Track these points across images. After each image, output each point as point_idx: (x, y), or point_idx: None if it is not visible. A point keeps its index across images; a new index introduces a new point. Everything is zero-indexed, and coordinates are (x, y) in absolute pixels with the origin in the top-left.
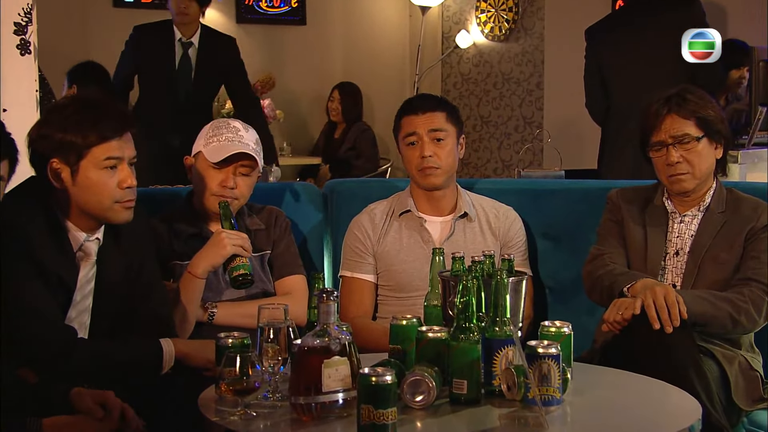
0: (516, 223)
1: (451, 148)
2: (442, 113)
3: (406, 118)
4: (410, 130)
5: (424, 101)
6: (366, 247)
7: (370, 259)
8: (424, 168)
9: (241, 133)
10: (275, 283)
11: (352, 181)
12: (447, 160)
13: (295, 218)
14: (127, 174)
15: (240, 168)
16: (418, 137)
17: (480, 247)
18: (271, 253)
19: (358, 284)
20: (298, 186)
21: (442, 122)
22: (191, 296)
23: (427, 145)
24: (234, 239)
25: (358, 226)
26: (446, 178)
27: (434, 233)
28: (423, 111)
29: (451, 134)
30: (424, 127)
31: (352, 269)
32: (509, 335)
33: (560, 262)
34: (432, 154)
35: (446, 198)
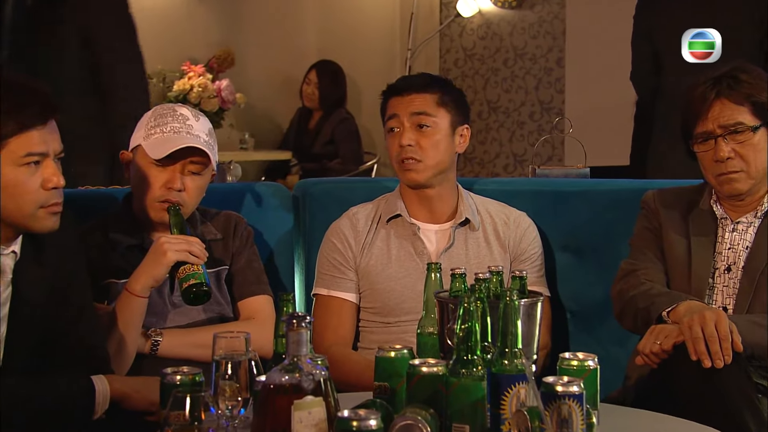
0: (530, 232)
1: (439, 138)
2: (433, 95)
3: (390, 101)
4: (392, 113)
5: (411, 80)
6: (346, 259)
7: (351, 274)
8: (401, 159)
9: (191, 122)
10: (234, 305)
11: (330, 181)
12: (431, 153)
13: (259, 226)
14: (53, 172)
15: (189, 166)
16: (399, 122)
17: (485, 261)
18: (229, 269)
19: (335, 305)
20: (262, 187)
21: (429, 105)
22: (130, 320)
23: (407, 132)
24: (177, 244)
25: (336, 233)
26: (432, 175)
27: (430, 244)
28: (407, 91)
29: (441, 122)
30: (405, 109)
31: (329, 286)
32: (521, 370)
33: (584, 281)
34: (411, 143)
35: (443, 201)
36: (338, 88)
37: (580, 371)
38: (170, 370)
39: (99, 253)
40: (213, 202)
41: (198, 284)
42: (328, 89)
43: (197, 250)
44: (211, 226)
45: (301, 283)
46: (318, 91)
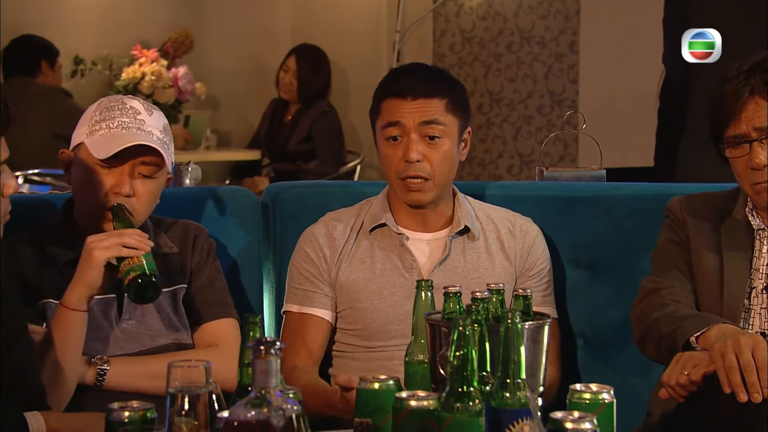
0: (538, 243)
1: (449, 149)
2: (442, 99)
3: (389, 102)
4: (393, 119)
5: (417, 80)
6: (320, 271)
7: (326, 289)
8: (408, 178)
9: (142, 117)
10: (194, 330)
11: (305, 185)
12: (442, 168)
13: (222, 238)
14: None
15: (140, 167)
16: (404, 131)
17: (487, 275)
18: (187, 288)
19: (308, 323)
20: (226, 192)
21: (441, 113)
22: (67, 340)
23: (415, 144)
24: (105, 240)
25: (309, 240)
26: (439, 193)
27: (420, 256)
28: (414, 96)
29: (451, 130)
30: (413, 118)
31: (301, 302)
32: (525, 404)
33: (599, 301)
34: (421, 158)
35: (437, 209)
36: (320, 77)
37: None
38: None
39: (33, 270)
40: (168, 209)
41: (139, 275)
42: (308, 78)
43: (133, 241)
44: (166, 238)
45: (271, 304)
46: (297, 81)
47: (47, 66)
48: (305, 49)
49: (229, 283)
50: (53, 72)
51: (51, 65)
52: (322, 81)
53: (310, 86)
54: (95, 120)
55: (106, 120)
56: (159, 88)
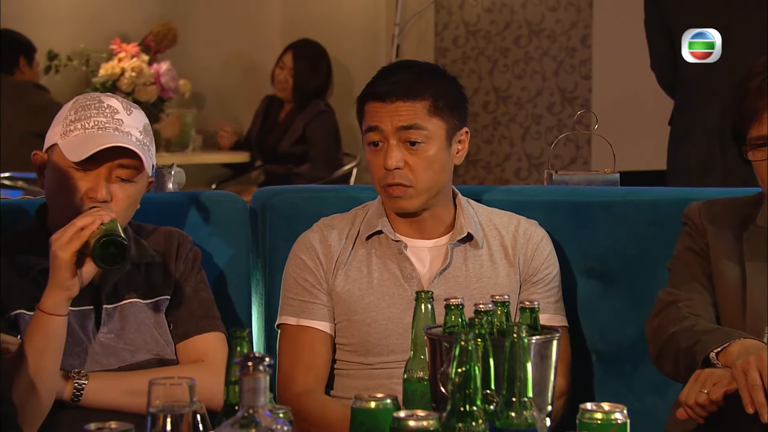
0: (543, 247)
1: (435, 154)
2: (424, 102)
3: (370, 105)
4: (372, 123)
5: (395, 82)
6: (318, 279)
7: (324, 298)
8: (387, 186)
9: (120, 116)
10: (177, 345)
11: (297, 190)
12: (425, 175)
13: (208, 246)
14: None
15: (118, 170)
16: (383, 136)
17: (490, 285)
18: (170, 300)
19: (307, 337)
20: (212, 197)
21: (421, 116)
22: (44, 349)
23: (394, 151)
24: (63, 235)
25: (305, 247)
26: (425, 200)
27: (420, 265)
28: (390, 97)
29: (436, 134)
30: (390, 122)
31: (298, 314)
32: (531, 424)
33: (613, 314)
34: (400, 164)
35: (437, 217)
36: (317, 76)
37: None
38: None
39: (4, 279)
40: (150, 215)
41: (99, 236)
42: (304, 77)
43: (87, 219)
44: (148, 246)
45: (260, 317)
46: (292, 79)
47: (25, 63)
48: (303, 45)
49: (215, 295)
50: (31, 69)
51: (29, 62)
52: (320, 80)
53: (306, 85)
54: (70, 120)
55: (81, 120)
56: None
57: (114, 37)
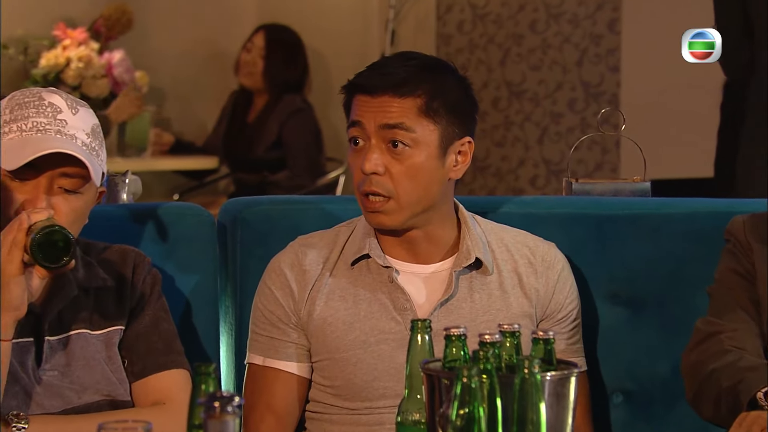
0: (565, 278)
1: (420, 163)
2: (415, 99)
3: (357, 98)
4: (355, 117)
5: (385, 74)
6: (286, 314)
7: (294, 335)
8: (363, 194)
9: (64, 116)
10: (133, 384)
11: (273, 202)
12: (407, 186)
13: (169, 267)
14: None
15: (61, 180)
16: (364, 134)
17: (499, 319)
18: (125, 332)
19: (270, 379)
20: (174, 210)
21: (410, 115)
22: None
23: (373, 151)
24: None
25: (274, 274)
26: (409, 217)
27: (417, 295)
28: (377, 91)
29: (425, 138)
30: (373, 118)
31: (265, 352)
32: None
33: (642, 347)
34: (379, 169)
35: (433, 240)
36: (293, 67)
37: None
38: None
39: None
40: (100, 232)
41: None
42: (277, 63)
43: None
44: (98, 268)
45: (229, 350)
46: (263, 62)
47: None
48: (277, 30)
49: (178, 325)
50: None
51: None
52: (296, 72)
53: (280, 73)
54: (5, 120)
55: (17, 120)
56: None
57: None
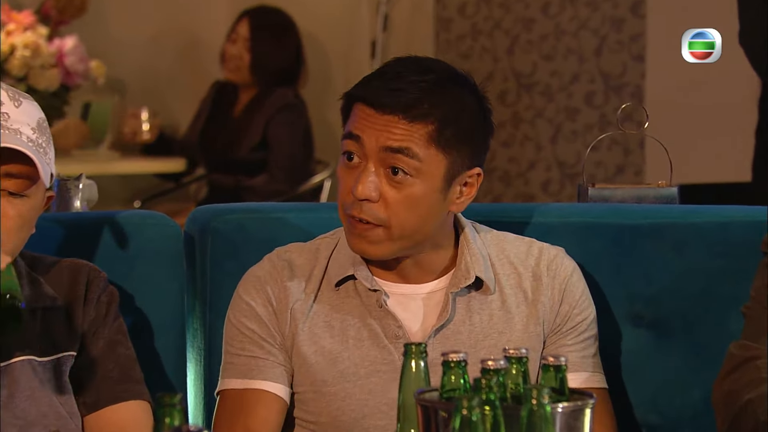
0: (574, 284)
1: (421, 195)
2: (426, 126)
3: (358, 108)
4: (354, 130)
5: (396, 89)
6: (269, 331)
7: (280, 356)
8: (350, 216)
9: (6, 109)
10: (86, 418)
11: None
12: (403, 218)
13: (129, 284)
14: None
15: (4, 180)
16: (361, 151)
17: (503, 344)
18: (77, 358)
19: (252, 402)
20: (135, 218)
21: (418, 142)
22: None
23: (369, 174)
24: None
25: (253, 287)
26: (399, 249)
27: (410, 320)
28: (384, 109)
29: (430, 168)
30: (375, 138)
31: (245, 373)
32: None
33: (669, 374)
34: (374, 196)
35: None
36: (283, 53)
37: None
38: None
39: None
40: (49, 243)
41: None
42: (265, 51)
43: None
44: (46, 285)
45: (197, 378)
46: (250, 54)
47: None
48: (263, 13)
49: (137, 350)
50: None
51: None
52: (288, 58)
53: (269, 63)
54: None
55: None
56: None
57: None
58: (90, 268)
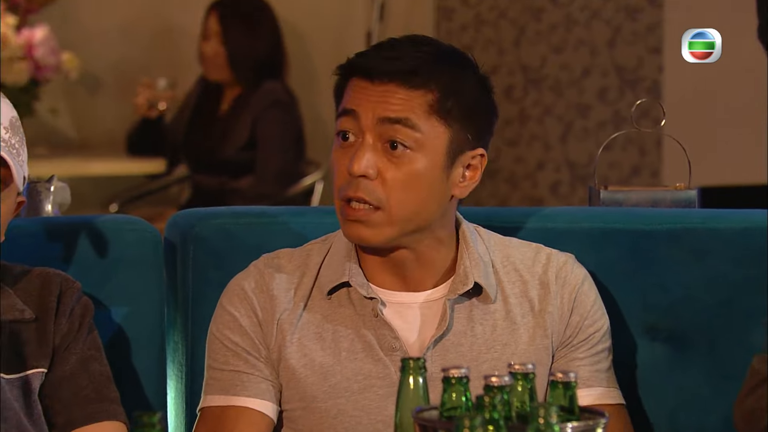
0: (585, 292)
1: (422, 170)
2: (427, 93)
3: (353, 83)
4: (348, 105)
5: (393, 58)
6: (254, 345)
7: (266, 370)
8: (346, 201)
9: None
10: None
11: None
12: (402, 197)
13: (104, 296)
14: None
15: None
16: (358, 127)
17: (507, 357)
18: (48, 374)
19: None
20: (111, 224)
21: (417, 111)
22: None
23: (367, 149)
24: None
25: (237, 298)
26: (399, 234)
27: (407, 331)
28: (381, 77)
29: (432, 141)
30: (372, 110)
31: (228, 389)
32: None
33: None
34: (372, 173)
35: (423, 258)
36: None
37: None
38: None
39: None
40: (18, 251)
41: None
42: (239, 43)
43: None
44: (14, 297)
45: (178, 396)
46: (225, 50)
47: None
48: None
49: (113, 366)
50: None
51: None
52: (263, 46)
53: (245, 56)
54: None
55: None
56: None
57: None
58: (62, 278)
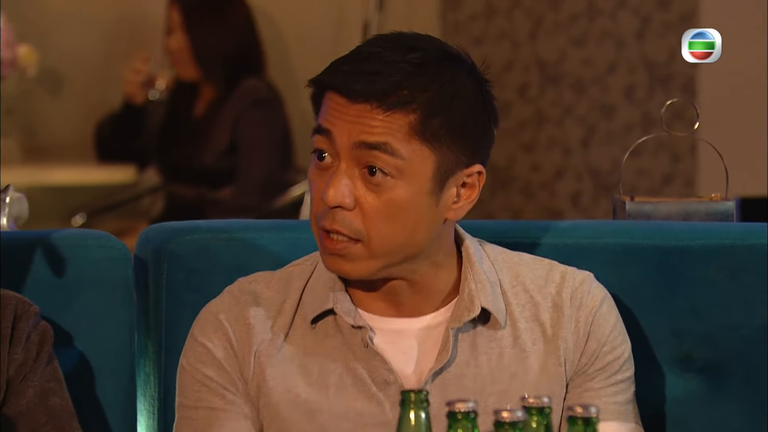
0: (604, 315)
1: (404, 199)
2: (407, 115)
3: (329, 97)
4: (323, 123)
5: (371, 73)
6: (230, 379)
7: (246, 408)
8: (321, 228)
9: None
10: None
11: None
12: (383, 229)
13: (66, 320)
14: None
15: None
16: (333, 149)
17: (516, 389)
18: (1, 409)
19: None
20: (74, 239)
21: (397, 135)
22: None
23: (342, 176)
24: None
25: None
26: (381, 266)
27: (403, 362)
28: (357, 97)
29: (414, 167)
30: (347, 132)
31: (203, 429)
32: None
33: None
34: (348, 203)
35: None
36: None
37: None
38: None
39: None
40: None
41: None
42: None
43: None
44: None
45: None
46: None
47: None
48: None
49: (77, 399)
50: None
51: None
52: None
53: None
54: None
55: None
56: None
57: None
58: (18, 301)
